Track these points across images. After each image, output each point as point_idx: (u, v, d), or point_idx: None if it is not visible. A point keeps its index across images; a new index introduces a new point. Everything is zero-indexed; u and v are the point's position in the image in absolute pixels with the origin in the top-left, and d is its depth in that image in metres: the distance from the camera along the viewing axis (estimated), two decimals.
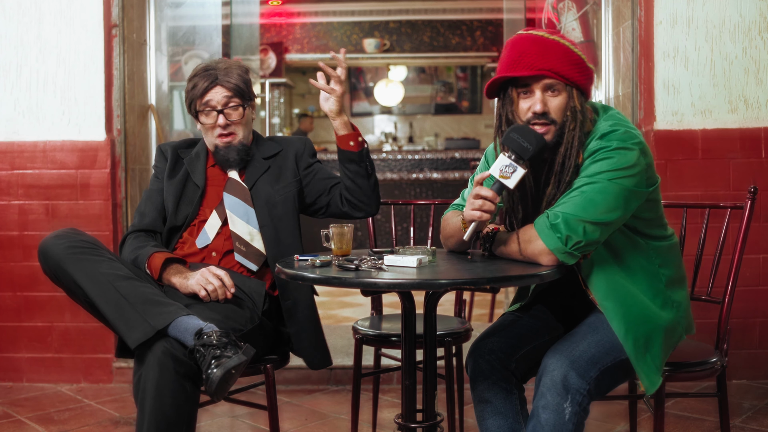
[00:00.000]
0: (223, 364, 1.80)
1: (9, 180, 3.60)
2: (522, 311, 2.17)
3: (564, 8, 4.33)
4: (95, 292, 1.96)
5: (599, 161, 1.83)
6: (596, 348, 1.87)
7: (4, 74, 3.59)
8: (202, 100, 2.31)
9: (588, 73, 1.89)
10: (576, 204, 1.80)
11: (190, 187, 2.37)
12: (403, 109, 10.05)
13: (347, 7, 9.04)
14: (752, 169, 3.45)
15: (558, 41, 1.86)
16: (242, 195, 2.34)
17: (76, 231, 2.09)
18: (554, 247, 1.80)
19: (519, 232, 1.90)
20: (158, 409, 1.84)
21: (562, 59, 1.85)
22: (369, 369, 2.78)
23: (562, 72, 1.85)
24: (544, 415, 1.79)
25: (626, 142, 1.83)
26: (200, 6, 4.67)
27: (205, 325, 1.91)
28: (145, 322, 1.90)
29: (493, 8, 8.82)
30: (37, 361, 3.62)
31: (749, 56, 3.46)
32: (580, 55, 1.88)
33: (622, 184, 1.81)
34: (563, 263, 1.83)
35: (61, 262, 2.00)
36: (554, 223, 1.80)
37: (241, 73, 2.35)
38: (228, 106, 2.32)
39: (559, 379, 1.80)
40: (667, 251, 1.98)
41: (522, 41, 1.88)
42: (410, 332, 1.95)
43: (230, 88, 2.31)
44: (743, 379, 3.51)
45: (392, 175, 7.08)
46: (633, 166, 1.82)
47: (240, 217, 2.31)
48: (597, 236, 1.81)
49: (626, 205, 1.84)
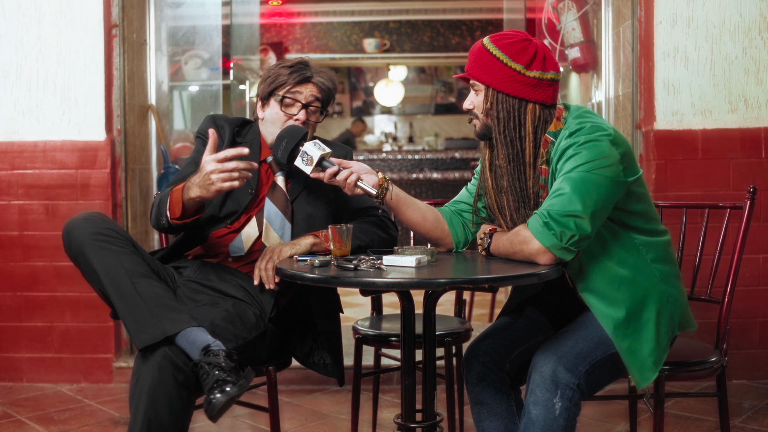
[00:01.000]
0: (226, 392, 1.80)
1: (9, 180, 3.60)
2: (515, 314, 2.18)
3: (564, 8, 4.33)
4: (112, 284, 1.94)
5: (572, 158, 1.87)
6: (584, 343, 1.88)
7: (4, 74, 3.59)
8: (292, 89, 2.27)
9: (504, 73, 1.94)
10: (562, 200, 1.83)
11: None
12: (403, 109, 10.06)
13: (347, 7, 9.04)
14: (752, 169, 3.45)
15: (482, 46, 1.99)
16: (283, 206, 2.29)
17: (105, 218, 2.05)
18: (550, 244, 1.82)
19: (513, 234, 1.92)
20: (152, 414, 1.82)
21: (478, 62, 1.99)
22: (369, 369, 2.78)
23: (474, 74, 1.99)
24: (535, 411, 1.81)
25: (594, 134, 1.88)
26: (200, 6, 4.67)
27: (213, 341, 1.89)
28: (157, 325, 1.88)
29: (493, 8, 8.82)
30: (37, 361, 3.62)
31: (749, 56, 3.46)
32: (499, 57, 1.94)
33: (600, 174, 1.84)
34: (561, 260, 1.84)
35: (83, 246, 1.97)
36: (545, 221, 1.83)
37: (333, 86, 2.35)
38: (312, 104, 2.30)
39: (548, 374, 1.82)
40: (658, 246, 1.98)
41: (474, 44, 2.05)
42: (409, 332, 1.95)
43: (321, 90, 2.30)
44: (743, 379, 3.51)
45: (392, 175, 7.08)
46: (606, 156, 1.86)
47: (276, 230, 2.27)
48: (588, 228, 1.83)
49: (608, 195, 1.86)
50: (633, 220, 1.96)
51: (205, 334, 1.90)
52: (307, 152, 2.04)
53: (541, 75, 1.93)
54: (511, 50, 1.94)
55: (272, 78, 2.29)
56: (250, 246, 2.27)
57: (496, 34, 2.00)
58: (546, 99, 1.96)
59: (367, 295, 2.47)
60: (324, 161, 2.03)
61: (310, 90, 2.29)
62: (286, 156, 2.08)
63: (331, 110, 2.42)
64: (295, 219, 2.29)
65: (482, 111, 1.99)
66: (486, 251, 2.01)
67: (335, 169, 2.01)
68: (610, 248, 1.94)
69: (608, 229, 1.94)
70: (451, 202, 2.22)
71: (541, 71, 1.93)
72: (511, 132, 1.95)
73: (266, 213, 2.27)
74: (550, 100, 1.96)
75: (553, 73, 1.95)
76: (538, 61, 1.93)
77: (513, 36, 1.97)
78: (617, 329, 1.88)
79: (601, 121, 1.95)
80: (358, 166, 2.04)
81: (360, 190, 2.01)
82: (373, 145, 9.64)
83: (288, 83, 2.27)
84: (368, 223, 2.28)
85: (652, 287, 1.95)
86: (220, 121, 2.34)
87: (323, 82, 2.30)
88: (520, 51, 1.93)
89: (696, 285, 2.38)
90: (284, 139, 2.09)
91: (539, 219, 1.84)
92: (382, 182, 2.04)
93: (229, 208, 2.28)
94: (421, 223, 2.12)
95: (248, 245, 2.27)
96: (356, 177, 2.01)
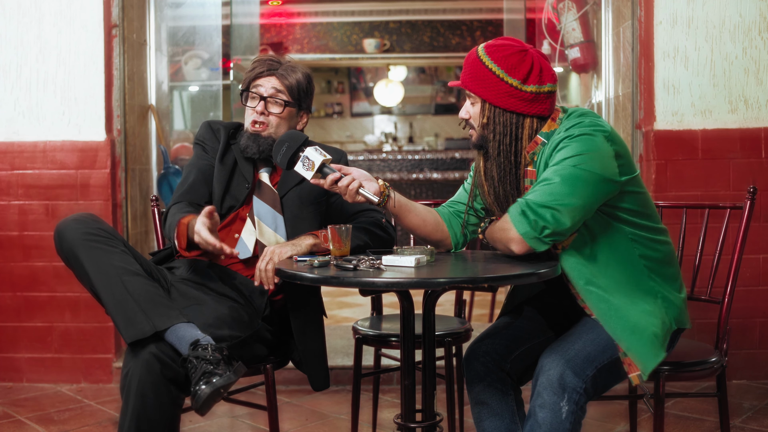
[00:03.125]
0: (212, 383, 1.81)
1: (9, 180, 3.60)
2: (515, 314, 2.18)
3: (564, 8, 4.33)
4: (101, 282, 1.96)
5: (563, 149, 1.88)
6: (592, 346, 1.88)
7: (4, 74, 3.59)
8: (254, 82, 2.31)
9: (501, 88, 1.93)
10: (543, 191, 1.85)
11: (237, 179, 2.34)
12: (403, 109, 10.05)
13: (347, 7, 9.03)
14: (752, 169, 3.45)
15: (477, 57, 1.98)
16: (272, 201, 2.31)
17: (96, 218, 2.07)
18: (523, 232, 1.85)
19: (501, 220, 1.95)
20: (141, 410, 1.84)
21: (474, 74, 1.98)
22: (369, 369, 2.78)
23: (470, 86, 1.99)
24: (541, 414, 1.81)
25: (589, 128, 1.88)
26: (200, 6, 4.67)
27: (203, 336, 1.90)
28: (146, 321, 1.90)
29: (493, 8, 8.82)
30: (37, 361, 3.62)
31: (749, 56, 3.46)
32: (495, 71, 1.94)
33: (586, 169, 1.84)
34: (533, 250, 1.86)
35: (74, 247, 1.99)
36: (523, 209, 1.85)
37: (301, 78, 2.32)
38: (273, 97, 2.30)
39: (555, 378, 1.82)
40: (652, 244, 1.98)
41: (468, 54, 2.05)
42: (409, 332, 1.95)
43: (284, 83, 2.30)
44: (743, 379, 3.51)
45: (392, 175, 7.08)
46: (596, 151, 1.86)
47: (269, 225, 2.29)
48: (566, 222, 1.83)
49: (594, 191, 1.86)
50: (625, 214, 1.95)
51: (194, 330, 1.92)
52: (308, 157, 2.02)
53: (538, 89, 1.93)
54: (507, 64, 1.93)
55: (244, 76, 2.34)
56: (253, 245, 2.28)
57: (492, 44, 1.98)
58: (543, 111, 1.96)
59: (366, 295, 2.47)
60: (325, 167, 2.02)
61: (271, 82, 2.29)
62: (286, 161, 2.06)
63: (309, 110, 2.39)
64: (286, 214, 2.30)
65: (479, 124, 2.00)
66: (483, 233, 2.04)
67: (337, 176, 1.99)
68: (599, 239, 1.94)
69: (598, 220, 1.94)
70: (448, 203, 2.22)
71: (538, 85, 1.93)
72: (507, 147, 1.96)
73: (256, 211, 2.29)
74: (547, 111, 1.97)
75: (550, 85, 1.95)
76: (534, 75, 1.93)
77: (508, 47, 1.95)
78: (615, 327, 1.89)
79: (599, 119, 1.95)
80: (358, 173, 2.03)
81: (361, 198, 2.00)
82: (373, 146, 9.64)
83: (252, 77, 2.31)
84: (367, 224, 2.28)
85: (640, 281, 1.94)
86: (215, 126, 2.42)
87: (285, 75, 2.29)
88: (517, 64, 1.92)
89: (696, 285, 2.38)
90: (284, 144, 2.08)
91: (518, 207, 1.87)
92: (383, 189, 2.03)
93: (228, 203, 2.32)
94: (421, 227, 2.11)
95: (251, 245, 2.28)
96: (358, 184, 1.99)
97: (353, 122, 10.12)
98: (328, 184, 2.00)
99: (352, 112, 10.13)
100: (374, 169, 7.28)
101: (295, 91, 2.31)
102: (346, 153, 2.46)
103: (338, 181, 2.00)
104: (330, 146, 2.45)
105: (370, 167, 7.28)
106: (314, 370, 2.32)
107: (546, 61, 1.97)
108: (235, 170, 2.35)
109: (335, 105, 10.07)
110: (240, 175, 2.34)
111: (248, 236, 2.28)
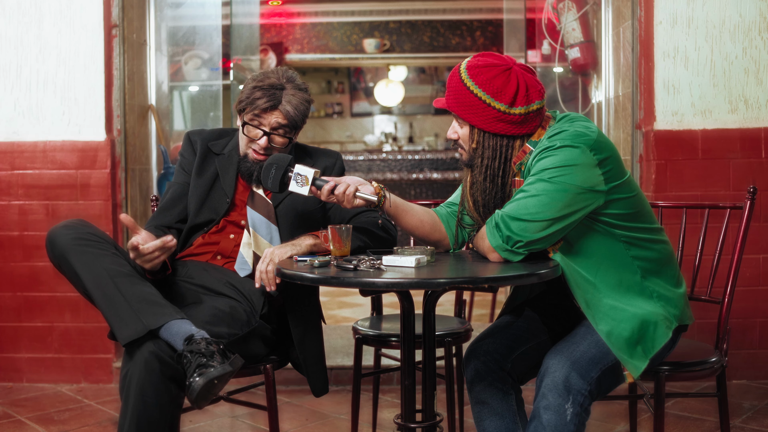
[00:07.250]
0: (205, 374, 1.81)
1: (9, 180, 3.60)
2: (516, 314, 2.18)
3: (564, 8, 4.33)
4: (93, 285, 1.97)
5: (543, 159, 1.87)
6: (596, 348, 1.88)
7: (4, 74, 3.59)
8: (255, 113, 2.24)
9: (488, 114, 1.91)
10: (518, 204, 1.86)
11: (217, 192, 2.33)
12: (403, 109, 10.06)
13: (347, 7, 9.04)
14: (752, 169, 3.45)
15: (461, 80, 1.95)
16: (266, 211, 2.30)
17: (85, 223, 2.09)
18: (496, 244, 1.87)
19: (480, 230, 1.96)
20: (141, 409, 1.85)
21: (459, 99, 1.95)
22: (369, 369, 2.78)
23: (457, 111, 1.96)
24: (546, 416, 1.81)
25: (571, 140, 1.86)
26: (200, 6, 4.67)
27: (197, 331, 1.90)
28: (138, 320, 1.90)
29: (493, 8, 8.81)
30: (37, 362, 3.62)
31: (749, 56, 3.46)
32: (481, 97, 1.91)
33: (563, 182, 1.83)
34: (508, 260, 1.87)
35: (65, 252, 2.00)
36: (497, 222, 1.87)
37: (302, 103, 2.26)
38: (276, 131, 2.26)
39: (560, 380, 1.82)
40: (649, 243, 1.97)
41: (451, 74, 2.01)
42: (409, 332, 1.95)
43: (287, 116, 2.24)
44: (743, 379, 3.51)
45: (392, 175, 7.08)
46: (575, 163, 1.84)
47: (263, 235, 2.29)
48: (537, 234, 1.83)
49: (571, 202, 1.84)
50: (614, 219, 1.93)
51: (189, 325, 1.92)
52: (300, 173, 2.01)
53: (527, 110, 1.91)
54: (492, 88, 1.90)
55: (241, 99, 2.27)
56: (252, 260, 2.28)
57: (474, 65, 1.94)
58: (533, 129, 1.95)
59: (366, 295, 2.47)
60: (317, 180, 2.02)
61: (275, 117, 2.24)
62: (278, 184, 2.04)
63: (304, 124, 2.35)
64: (281, 222, 2.30)
65: (467, 148, 1.99)
66: (470, 241, 2.06)
67: (332, 185, 1.99)
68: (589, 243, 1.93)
69: (588, 225, 1.92)
70: (446, 203, 2.21)
71: (525, 106, 1.90)
72: (496, 169, 1.97)
73: (250, 221, 2.29)
74: (537, 127, 1.96)
75: (538, 103, 1.92)
76: (521, 96, 1.90)
77: (492, 68, 1.91)
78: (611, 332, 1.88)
79: (588, 126, 1.91)
80: (351, 179, 2.03)
81: (360, 201, 1.99)
82: (373, 146, 9.64)
83: (252, 108, 2.24)
84: (367, 224, 2.28)
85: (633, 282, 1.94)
86: (194, 137, 2.42)
87: (289, 111, 2.24)
88: (502, 87, 1.89)
89: (696, 285, 2.38)
90: (272, 167, 2.05)
91: (493, 219, 1.88)
92: (379, 191, 2.03)
93: (205, 216, 2.32)
94: (419, 227, 2.11)
95: (250, 260, 2.28)
96: (354, 188, 1.99)
97: (353, 122, 10.12)
98: (325, 195, 2.00)
99: (352, 112, 10.13)
100: (374, 169, 7.28)
101: (299, 119, 2.28)
102: (342, 155, 2.45)
103: (334, 190, 2.00)
104: (323, 148, 2.45)
105: (370, 167, 7.28)
106: (314, 376, 2.32)
107: (531, 76, 1.94)
108: (215, 183, 2.34)
109: (335, 105, 10.07)
110: (219, 188, 2.34)
111: (246, 250, 2.29)
